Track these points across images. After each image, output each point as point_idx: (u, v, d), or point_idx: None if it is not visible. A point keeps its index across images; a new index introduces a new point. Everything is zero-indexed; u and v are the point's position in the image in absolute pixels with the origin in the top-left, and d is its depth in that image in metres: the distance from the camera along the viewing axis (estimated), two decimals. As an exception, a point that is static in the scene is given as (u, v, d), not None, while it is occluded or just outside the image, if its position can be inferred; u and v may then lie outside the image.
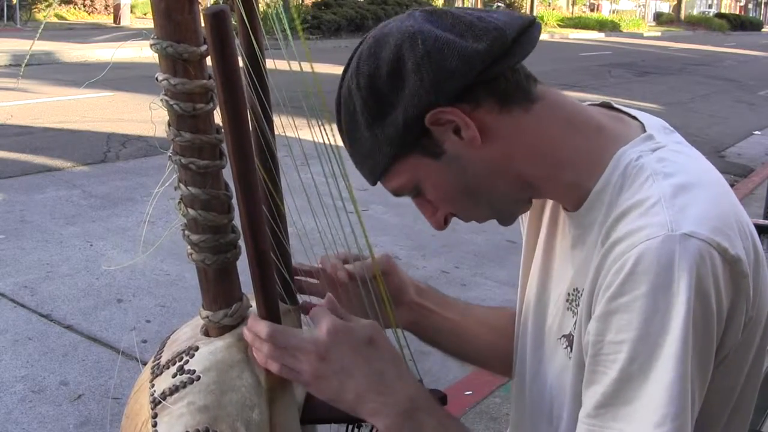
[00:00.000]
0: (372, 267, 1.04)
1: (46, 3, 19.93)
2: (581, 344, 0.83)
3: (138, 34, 0.92)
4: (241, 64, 0.82)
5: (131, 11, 20.24)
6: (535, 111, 0.86)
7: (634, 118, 0.91)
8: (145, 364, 0.95)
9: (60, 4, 20.44)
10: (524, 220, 1.07)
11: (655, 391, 0.74)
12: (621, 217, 0.80)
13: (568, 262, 0.93)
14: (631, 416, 0.75)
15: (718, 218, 0.77)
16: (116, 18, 19.45)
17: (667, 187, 0.79)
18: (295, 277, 1.03)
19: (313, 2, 21.12)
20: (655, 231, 0.75)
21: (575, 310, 0.89)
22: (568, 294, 0.92)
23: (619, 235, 0.78)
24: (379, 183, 0.93)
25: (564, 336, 0.93)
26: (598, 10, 46.08)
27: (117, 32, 16.69)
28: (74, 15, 20.67)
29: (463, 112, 0.83)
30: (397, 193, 0.92)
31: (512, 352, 1.08)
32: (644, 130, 0.88)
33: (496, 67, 0.82)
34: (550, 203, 1.00)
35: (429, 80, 0.81)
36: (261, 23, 0.90)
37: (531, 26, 0.86)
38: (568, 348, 0.91)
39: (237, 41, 0.83)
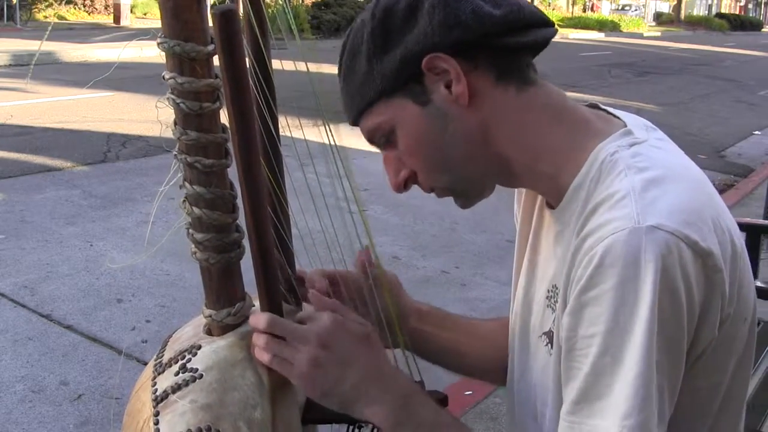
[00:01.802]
0: (379, 280, 1.04)
1: (46, 3, 19.92)
2: (559, 341, 0.84)
3: (143, 33, 0.92)
4: (247, 63, 0.82)
5: (131, 11, 20.22)
6: (528, 95, 0.88)
7: (617, 118, 0.92)
8: (145, 363, 0.95)
9: (60, 4, 20.42)
10: (517, 219, 1.07)
11: (624, 383, 0.74)
12: (593, 211, 0.80)
13: (550, 259, 0.94)
14: (604, 411, 0.75)
15: (690, 212, 0.77)
16: (116, 18, 19.44)
17: (639, 181, 0.79)
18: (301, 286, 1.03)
19: (313, 2, 21.11)
20: (622, 224, 0.75)
21: (554, 307, 0.90)
22: (548, 291, 0.93)
23: (590, 229, 0.79)
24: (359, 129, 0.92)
25: (545, 333, 0.93)
26: (593, 10, 45.99)
27: (117, 32, 16.68)
28: (74, 15, 20.65)
29: (459, 66, 0.84)
30: (371, 135, 0.91)
31: None
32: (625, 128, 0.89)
33: (503, 38, 0.84)
34: (539, 202, 1.01)
35: (438, 23, 0.83)
36: (268, 23, 0.90)
37: (547, 25, 0.88)
38: (549, 345, 0.91)
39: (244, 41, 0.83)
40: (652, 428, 0.74)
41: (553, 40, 0.89)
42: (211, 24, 0.78)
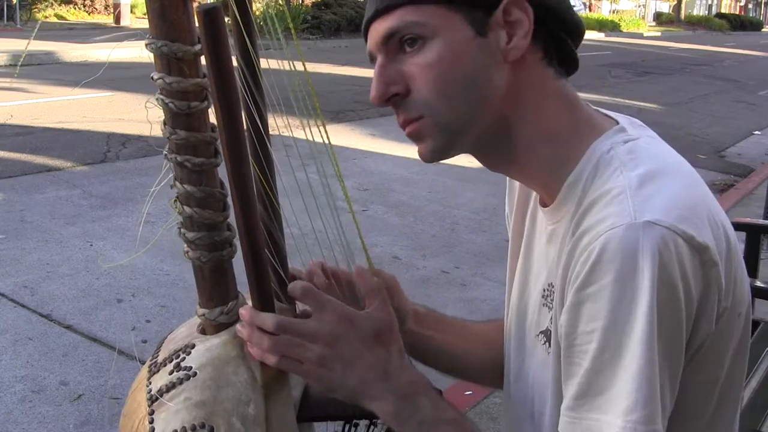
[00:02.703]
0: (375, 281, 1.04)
1: (46, 3, 19.93)
2: (558, 338, 0.84)
3: (135, 35, 0.92)
4: (235, 63, 0.83)
5: (131, 11, 20.22)
6: (557, 84, 0.89)
7: (608, 117, 0.94)
8: (144, 363, 0.95)
9: (60, 4, 20.43)
10: (509, 222, 1.08)
11: (625, 378, 0.74)
12: (588, 208, 0.81)
13: (543, 259, 0.95)
14: (605, 406, 0.75)
15: (685, 207, 0.78)
16: (116, 18, 19.44)
17: (634, 177, 0.80)
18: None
19: (313, 2, 21.11)
20: (619, 220, 0.76)
21: (550, 305, 0.90)
22: (544, 290, 0.93)
23: (586, 226, 0.79)
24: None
25: (541, 332, 0.94)
26: (590, 10, 45.86)
27: (117, 32, 16.69)
28: (74, 15, 20.66)
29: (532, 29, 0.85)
30: (398, 30, 0.84)
31: None
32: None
33: (560, 32, 0.87)
34: (532, 204, 1.01)
35: None
36: (255, 23, 0.90)
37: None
38: (546, 344, 0.91)
39: (231, 41, 0.84)
40: (657, 423, 0.74)
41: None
42: (196, 23, 0.78)
